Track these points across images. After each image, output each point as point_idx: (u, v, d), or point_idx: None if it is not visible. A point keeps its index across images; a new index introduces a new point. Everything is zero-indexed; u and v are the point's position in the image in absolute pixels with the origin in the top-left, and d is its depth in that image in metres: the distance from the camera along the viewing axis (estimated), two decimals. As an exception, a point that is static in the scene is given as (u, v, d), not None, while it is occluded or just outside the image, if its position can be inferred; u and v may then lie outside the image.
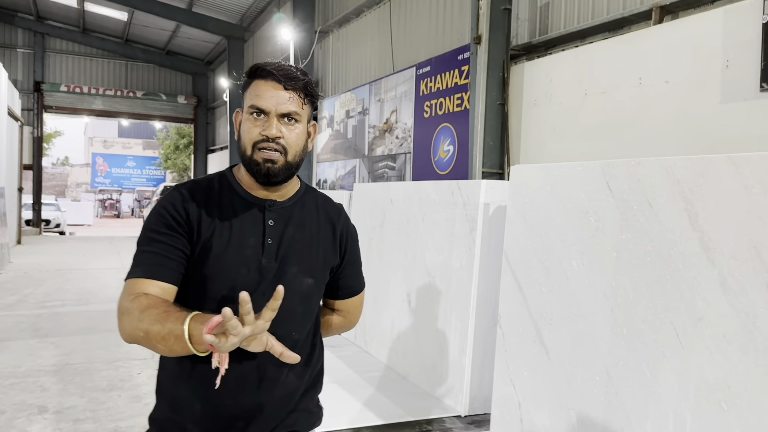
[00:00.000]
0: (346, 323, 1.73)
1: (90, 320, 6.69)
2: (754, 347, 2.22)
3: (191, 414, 1.41)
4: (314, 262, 1.49)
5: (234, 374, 1.37)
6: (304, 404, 1.52)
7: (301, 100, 1.40)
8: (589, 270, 2.96)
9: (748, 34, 4.18)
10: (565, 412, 3.04)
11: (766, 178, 2.23)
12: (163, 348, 1.25)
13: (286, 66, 1.42)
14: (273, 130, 1.37)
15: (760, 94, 4.08)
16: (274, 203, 1.46)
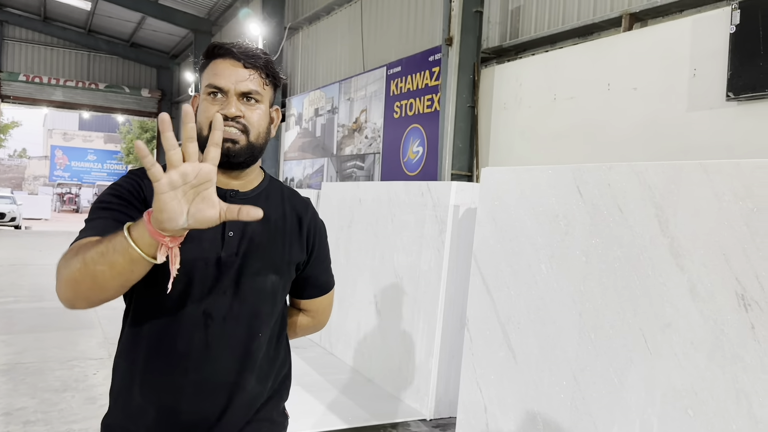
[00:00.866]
0: (314, 324, 1.64)
1: (44, 317, 6.45)
2: (722, 354, 2.23)
3: (145, 421, 1.31)
4: (279, 257, 1.38)
5: (192, 379, 1.29)
6: (266, 413, 1.42)
7: (263, 80, 1.31)
8: (558, 274, 2.95)
9: (716, 43, 4.24)
10: (531, 416, 3.02)
11: (736, 186, 2.24)
12: (104, 268, 1.07)
13: (246, 44, 1.33)
14: (232, 109, 1.27)
15: (726, 103, 4.15)
16: (237, 193, 1.34)
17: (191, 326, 1.28)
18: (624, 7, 5.17)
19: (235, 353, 1.33)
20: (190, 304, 1.28)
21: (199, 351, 1.29)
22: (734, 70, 4.05)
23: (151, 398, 1.30)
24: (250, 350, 1.34)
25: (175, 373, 1.29)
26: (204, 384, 1.30)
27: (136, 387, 1.31)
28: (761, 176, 2.17)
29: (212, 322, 1.29)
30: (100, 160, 44.42)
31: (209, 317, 1.29)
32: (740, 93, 4.03)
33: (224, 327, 1.31)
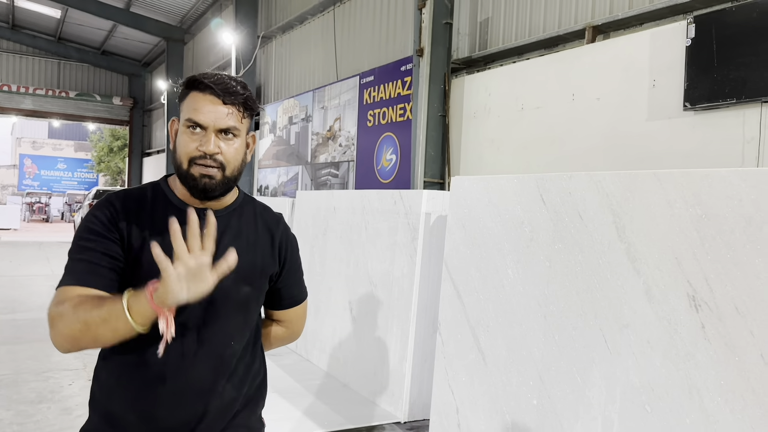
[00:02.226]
0: (289, 334, 1.72)
1: (17, 329, 6.40)
2: (676, 352, 2.37)
3: (125, 427, 1.37)
4: (251, 269, 1.45)
5: (169, 387, 1.35)
6: (242, 419, 1.48)
7: (240, 114, 1.36)
8: (524, 278, 3.08)
9: (673, 56, 4.44)
10: (500, 416, 3.14)
11: (687, 194, 2.39)
12: (105, 331, 1.20)
13: (226, 78, 1.37)
14: (211, 146, 1.33)
15: (683, 112, 4.34)
16: (212, 213, 1.39)
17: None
18: (587, 20, 5.36)
19: (210, 361, 1.39)
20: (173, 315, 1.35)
21: (176, 360, 1.35)
22: (690, 82, 4.25)
23: (130, 406, 1.36)
24: (224, 358, 1.41)
25: (153, 381, 1.35)
26: (181, 391, 1.36)
27: (115, 395, 1.38)
28: (709, 185, 2.32)
29: (188, 332, 1.36)
30: (70, 169, 43.72)
31: (185, 327, 1.35)
32: (696, 103, 4.22)
33: (200, 336, 1.37)
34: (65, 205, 36.17)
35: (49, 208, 35.53)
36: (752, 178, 2.19)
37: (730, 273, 2.21)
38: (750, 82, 3.91)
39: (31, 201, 35.50)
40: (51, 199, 36.71)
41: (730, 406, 2.17)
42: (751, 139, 3.96)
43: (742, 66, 3.96)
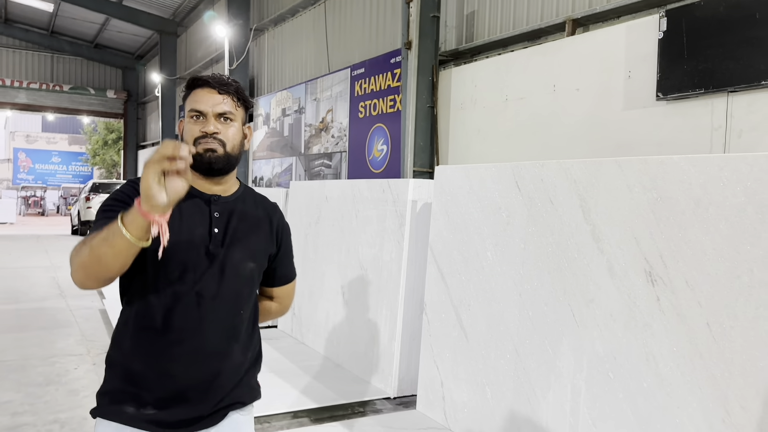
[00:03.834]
0: (281, 308, 1.93)
1: (21, 318, 6.61)
2: (635, 324, 2.61)
3: (145, 384, 1.53)
4: (255, 248, 1.66)
5: (187, 348, 1.54)
6: (248, 379, 1.68)
7: (234, 102, 1.59)
8: (501, 260, 3.31)
9: (647, 48, 4.65)
10: (480, 388, 3.38)
11: (644, 179, 2.61)
12: (106, 250, 1.32)
13: (219, 75, 1.62)
14: (211, 127, 1.55)
15: (656, 102, 4.56)
16: (219, 197, 1.61)
17: (186, 305, 1.53)
18: (568, 13, 5.57)
19: (223, 327, 1.58)
20: (185, 287, 1.53)
21: (194, 325, 1.54)
22: (662, 73, 4.47)
23: (152, 366, 1.53)
24: (235, 325, 1.62)
25: (174, 344, 1.53)
26: (198, 353, 1.55)
27: (136, 357, 1.54)
28: (664, 170, 2.55)
29: (204, 301, 1.54)
30: (65, 162, 43.70)
31: (201, 297, 1.54)
32: (668, 93, 4.44)
33: (214, 305, 1.56)
34: (60, 198, 36.22)
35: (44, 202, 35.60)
36: (701, 164, 2.41)
37: (681, 250, 2.45)
38: (717, 73, 4.13)
39: (26, 195, 35.56)
40: (46, 193, 36.77)
41: (680, 370, 2.41)
42: (718, 127, 4.19)
43: (709, 58, 4.18)
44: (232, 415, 1.62)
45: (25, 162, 42.96)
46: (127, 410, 1.53)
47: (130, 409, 1.53)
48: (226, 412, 1.61)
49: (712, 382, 2.30)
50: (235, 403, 1.64)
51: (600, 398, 2.72)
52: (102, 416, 1.56)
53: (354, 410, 3.91)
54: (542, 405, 3.00)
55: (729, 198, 2.30)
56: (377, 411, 3.92)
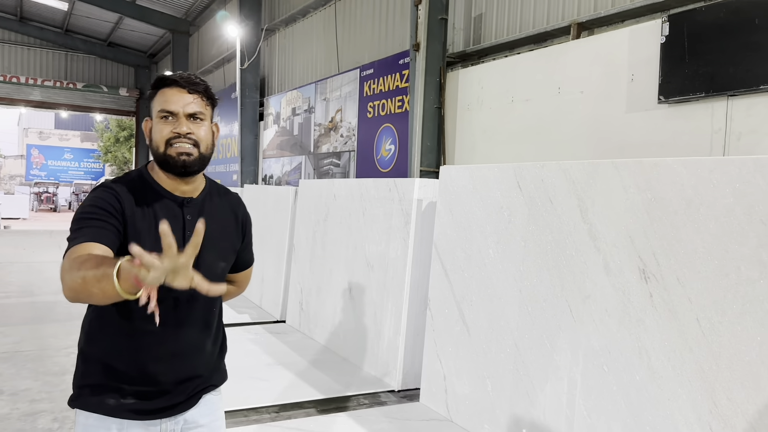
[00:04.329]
0: (238, 290, 2.00)
1: (37, 311, 6.79)
2: (629, 319, 2.71)
3: (127, 379, 1.59)
4: (226, 247, 1.74)
5: (167, 348, 1.61)
6: (217, 364, 1.78)
7: (204, 101, 1.60)
8: (503, 257, 3.42)
9: (650, 51, 4.74)
10: (481, 381, 3.49)
11: (639, 180, 2.72)
12: (97, 291, 1.30)
13: (188, 74, 1.63)
14: (184, 128, 1.56)
15: (658, 105, 4.65)
16: (191, 200, 1.65)
17: (165, 308, 1.53)
18: (573, 17, 5.66)
19: (198, 326, 1.67)
20: (162, 291, 1.50)
21: (173, 326, 1.60)
22: (664, 76, 4.56)
23: (134, 365, 1.59)
24: (208, 323, 1.71)
25: (154, 345, 1.60)
26: (178, 352, 1.63)
27: (119, 357, 1.59)
28: (657, 172, 2.65)
29: (180, 303, 1.60)
30: (77, 159, 44.11)
31: (177, 301, 1.59)
32: (669, 96, 4.53)
33: (189, 306, 1.63)
34: (72, 194, 36.61)
35: (56, 198, 35.98)
36: (692, 166, 2.52)
37: (673, 249, 2.55)
38: (717, 77, 4.22)
39: (38, 191, 35.94)
40: (58, 189, 37.15)
41: (671, 363, 2.52)
42: (718, 130, 4.28)
43: (710, 62, 4.26)
44: (206, 396, 1.72)
45: (37, 158, 43.42)
46: (109, 402, 1.59)
47: (111, 401, 1.59)
48: (200, 396, 1.70)
49: (701, 375, 2.41)
50: (209, 386, 1.74)
51: (595, 391, 2.82)
52: (83, 408, 1.61)
53: (359, 402, 4.03)
54: (540, 397, 3.11)
55: (719, 199, 2.40)
56: (382, 403, 4.04)
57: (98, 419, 1.59)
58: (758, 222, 2.26)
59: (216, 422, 1.73)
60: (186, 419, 1.67)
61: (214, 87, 11.33)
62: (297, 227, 6.16)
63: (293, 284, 6.06)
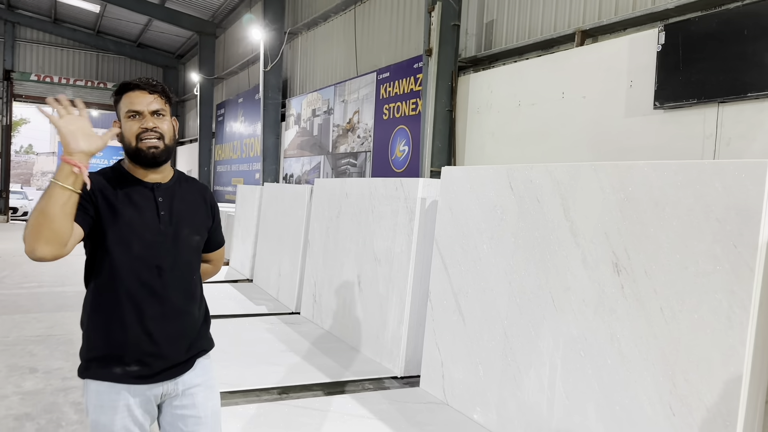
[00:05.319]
0: (214, 269, 2.26)
1: (67, 299, 7.21)
2: (603, 309, 2.96)
3: (126, 347, 1.82)
4: (198, 224, 2.00)
5: (157, 312, 1.85)
6: (204, 331, 2.04)
7: (163, 100, 1.87)
8: (495, 252, 3.68)
9: (647, 59, 4.95)
10: (474, 366, 3.76)
11: (614, 182, 2.96)
12: (47, 204, 1.58)
13: (146, 78, 1.90)
14: (150, 123, 1.83)
15: (654, 111, 4.86)
16: (160, 185, 1.91)
17: (150, 277, 1.84)
18: (578, 25, 5.88)
19: (182, 291, 1.92)
20: (147, 262, 1.84)
21: (160, 292, 1.86)
22: (660, 83, 4.77)
23: (130, 331, 1.82)
24: (189, 288, 1.98)
25: (145, 310, 1.84)
26: (167, 313, 1.87)
27: (116, 325, 1.83)
28: (630, 174, 2.89)
29: (163, 272, 1.86)
30: (106, 156, 44.91)
31: (161, 269, 1.86)
32: (664, 102, 4.74)
33: (172, 274, 1.89)
34: (102, 191, 37.49)
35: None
36: (660, 169, 2.76)
37: (642, 244, 2.79)
38: (708, 84, 4.43)
39: (69, 187, 36.88)
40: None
41: (638, 348, 2.76)
42: (709, 135, 4.48)
43: (702, 70, 4.47)
44: (199, 360, 2.00)
45: (68, 156, 44.43)
46: (115, 371, 1.82)
47: (117, 369, 1.82)
48: (194, 360, 1.98)
49: (663, 359, 2.65)
50: (200, 351, 2.01)
51: (573, 374, 3.08)
52: (93, 378, 1.84)
53: (364, 387, 4.32)
54: (525, 381, 3.37)
55: (681, 199, 2.64)
56: (384, 387, 4.32)
57: (108, 386, 1.83)
58: (714, 220, 2.50)
59: (210, 381, 2.02)
60: (184, 381, 1.93)
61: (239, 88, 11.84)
62: (312, 223, 6.47)
63: (307, 277, 6.38)
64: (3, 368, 4.57)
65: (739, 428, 2.35)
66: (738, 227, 2.41)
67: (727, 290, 2.43)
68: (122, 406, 1.84)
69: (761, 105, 4.17)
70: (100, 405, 1.83)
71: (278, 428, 3.44)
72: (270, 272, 7.70)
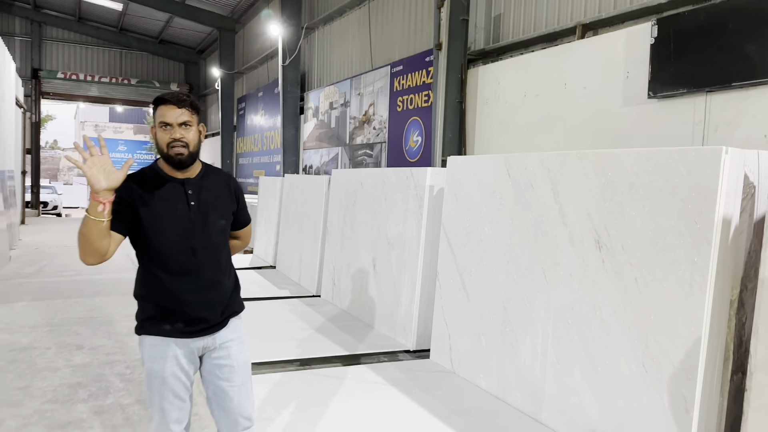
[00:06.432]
0: (243, 244, 2.64)
1: (104, 286, 7.72)
2: (587, 281, 3.31)
3: (173, 311, 2.22)
4: (223, 209, 2.35)
5: (194, 285, 2.23)
6: (235, 296, 2.41)
7: (190, 112, 2.20)
8: (495, 233, 4.05)
9: (642, 52, 5.24)
10: (477, 338, 4.14)
11: (596, 168, 3.30)
12: (84, 230, 2.01)
13: (177, 93, 2.23)
14: (177, 134, 2.17)
15: (648, 100, 5.16)
16: (189, 180, 2.26)
17: (187, 258, 2.22)
18: (579, 18, 6.17)
19: (213, 266, 2.29)
20: (181, 246, 2.22)
21: (195, 269, 2.23)
22: (653, 74, 5.07)
23: (175, 300, 2.21)
24: (220, 263, 2.37)
25: (186, 284, 2.22)
26: (202, 286, 2.25)
27: (163, 296, 2.22)
28: (610, 161, 3.23)
29: (197, 252, 2.24)
30: (130, 151, 45.96)
31: (195, 250, 2.23)
32: (657, 92, 5.04)
33: (204, 254, 2.25)
34: (127, 185, 38.30)
35: (112, 188, 37.76)
36: (635, 155, 3.10)
37: (619, 223, 3.14)
38: (697, 74, 4.72)
39: (96, 181, 37.72)
40: (114, 180, 38.87)
41: (617, 315, 3.11)
42: (699, 122, 4.78)
43: (691, 61, 4.76)
44: (231, 321, 2.41)
45: (94, 150, 45.32)
46: (165, 327, 2.23)
47: (166, 326, 2.23)
48: (228, 320, 2.39)
49: (637, 324, 3.00)
50: (233, 312, 2.41)
51: (562, 341, 3.44)
52: (147, 333, 2.25)
53: (379, 359, 4.72)
54: (521, 348, 3.74)
55: (652, 182, 2.98)
56: (397, 359, 4.73)
57: (159, 340, 2.24)
58: (678, 200, 2.84)
59: (241, 337, 2.44)
60: (220, 336, 2.35)
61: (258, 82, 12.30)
62: (330, 212, 6.88)
63: (327, 262, 6.79)
64: (53, 345, 5.06)
65: (699, 381, 2.70)
66: (698, 206, 2.75)
67: (689, 261, 2.77)
68: (171, 356, 2.25)
69: (745, 93, 4.46)
70: (153, 356, 2.25)
71: (300, 391, 3.86)
72: (292, 258, 8.13)
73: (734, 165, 2.73)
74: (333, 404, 3.69)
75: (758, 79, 4.33)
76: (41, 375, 4.33)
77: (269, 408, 3.59)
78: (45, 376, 4.30)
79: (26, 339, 5.23)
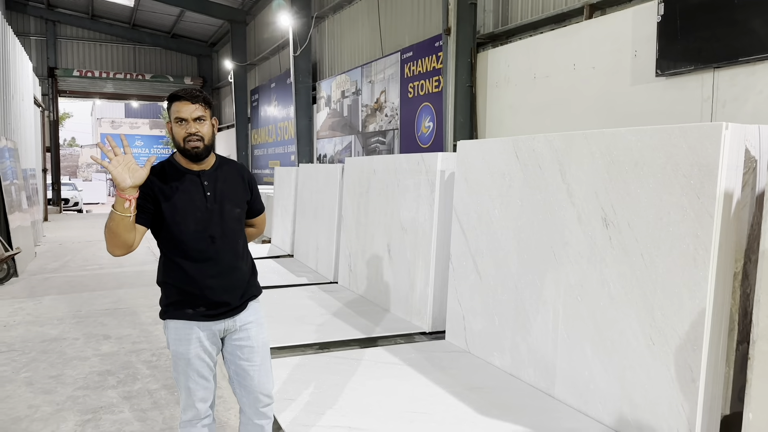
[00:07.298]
0: (258, 231, 2.77)
1: (127, 278, 7.92)
2: (595, 259, 3.39)
3: (195, 296, 2.34)
4: (238, 199, 2.46)
5: (214, 270, 2.35)
6: (252, 281, 2.52)
7: (203, 107, 2.29)
8: (505, 215, 4.13)
9: (649, 30, 5.25)
10: (490, 318, 4.24)
11: (602, 147, 3.37)
12: (110, 224, 2.14)
13: (191, 88, 2.31)
14: (192, 129, 2.27)
15: (655, 78, 5.18)
16: (205, 172, 2.37)
17: (206, 245, 2.34)
18: (586, -1, 6.19)
19: (231, 252, 2.41)
20: (200, 234, 2.33)
21: (214, 256, 2.35)
22: (660, 52, 5.08)
23: (196, 286, 2.34)
24: (237, 249, 2.49)
25: (206, 269, 2.34)
26: (221, 271, 2.37)
27: (185, 281, 2.34)
28: (614, 140, 3.29)
29: (215, 239, 2.35)
30: (147, 145, 46.47)
31: (213, 238, 2.35)
32: (665, 70, 5.06)
33: (222, 241, 2.37)
34: (145, 179, 38.71)
35: (131, 183, 38.19)
36: (639, 134, 3.16)
37: (625, 200, 3.21)
38: (704, 51, 4.73)
39: (114, 177, 38.18)
40: (132, 175, 39.29)
41: (624, 290, 3.19)
42: (707, 98, 4.80)
43: (698, 38, 4.77)
44: (250, 304, 2.53)
45: (111, 147, 45.86)
46: (187, 311, 2.36)
47: (189, 310, 2.36)
48: (247, 303, 2.51)
49: (644, 298, 3.08)
50: (251, 296, 2.54)
51: (572, 317, 3.53)
52: (172, 318, 2.38)
53: (395, 341, 4.84)
54: (533, 326, 3.83)
55: (656, 159, 3.04)
56: (414, 341, 4.84)
57: (182, 323, 2.37)
58: (681, 176, 2.90)
59: (260, 319, 2.56)
60: (240, 319, 2.48)
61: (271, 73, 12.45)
62: (344, 200, 6.99)
63: (342, 249, 6.92)
64: (81, 336, 5.25)
65: (704, 352, 2.78)
66: (700, 181, 2.81)
67: (692, 235, 2.84)
68: (194, 339, 2.38)
69: (752, 68, 4.48)
70: (177, 338, 2.39)
71: (319, 372, 4.00)
72: (309, 247, 8.27)
73: (735, 140, 2.78)
74: (351, 383, 3.82)
75: (765, 54, 4.35)
76: (72, 364, 4.51)
77: (290, 388, 3.73)
78: (75, 365, 4.48)
79: (55, 330, 5.43)
